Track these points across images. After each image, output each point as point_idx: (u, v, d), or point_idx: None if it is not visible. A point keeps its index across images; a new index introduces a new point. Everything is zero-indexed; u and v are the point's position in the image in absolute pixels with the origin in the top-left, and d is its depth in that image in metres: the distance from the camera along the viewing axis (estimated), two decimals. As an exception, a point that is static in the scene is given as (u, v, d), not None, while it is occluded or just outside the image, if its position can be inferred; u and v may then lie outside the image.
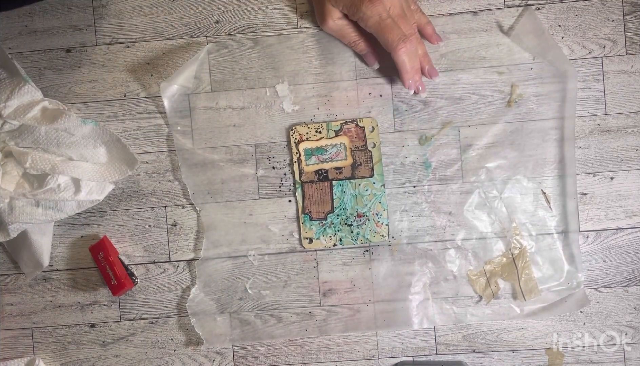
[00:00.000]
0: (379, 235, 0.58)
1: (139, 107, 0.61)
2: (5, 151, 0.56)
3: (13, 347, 0.62)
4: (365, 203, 0.57)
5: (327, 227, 0.57)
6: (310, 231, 0.58)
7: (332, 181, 0.57)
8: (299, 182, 0.58)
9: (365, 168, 0.57)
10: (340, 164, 0.57)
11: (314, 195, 0.57)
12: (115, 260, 0.59)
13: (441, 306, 0.60)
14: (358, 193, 0.57)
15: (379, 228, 0.57)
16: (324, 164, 0.57)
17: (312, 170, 0.57)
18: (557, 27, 0.60)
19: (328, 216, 0.58)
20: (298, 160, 0.58)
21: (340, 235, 0.58)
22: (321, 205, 0.58)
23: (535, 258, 0.60)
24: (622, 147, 0.60)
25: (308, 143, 0.57)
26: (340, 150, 0.57)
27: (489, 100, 0.60)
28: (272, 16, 0.60)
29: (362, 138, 0.58)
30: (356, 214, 0.57)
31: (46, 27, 0.61)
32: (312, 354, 0.61)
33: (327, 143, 0.57)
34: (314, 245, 0.58)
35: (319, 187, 0.57)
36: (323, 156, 0.57)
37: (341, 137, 0.58)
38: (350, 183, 0.57)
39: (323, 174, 0.57)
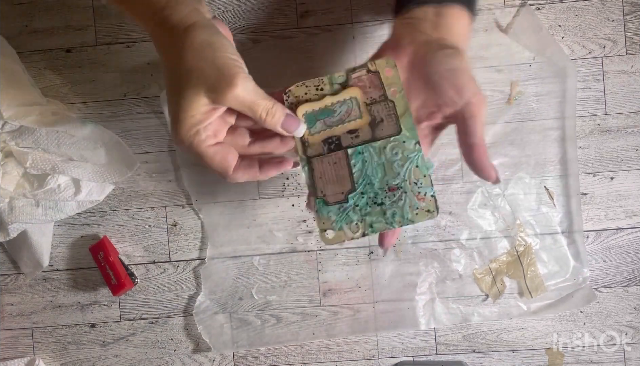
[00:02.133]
0: (424, 211, 0.41)
1: (139, 107, 0.61)
2: (6, 151, 0.56)
3: (13, 347, 0.62)
4: (397, 171, 0.42)
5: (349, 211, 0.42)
6: (328, 220, 0.42)
7: (347, 149, 0.43)
8: (303, 158, 0.43)
9: (389, 124, 0.42)
10: (354, 125, 0.43)
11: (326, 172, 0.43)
12: (115, 260, 0.59)
13: (447, 306, 0.60)
14: (385, 159, 0.42)
15: (422, 202, 0.42)
16: (333, 129, 0.43)
17: (319, 139, 0.43)
18: (557, 27, 0.60)
19: (349, 197, 0.42)
20: None
21: (369, 219, 0.42)
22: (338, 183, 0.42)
23: (541, 255, 0.60)
24: (622, 147, 0.60)
25: (308, 105, 0.43)
26: (352, 107, 0.43)
27: (489, 99, 0.60)
28: (272, 16, 0.60)
29: (378, 87, 0.43)
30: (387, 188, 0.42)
31: (46, 27, 0.61)
32: (312, 354, 0.61)
33: (334, 100, 0.43)
34: (336, 238, 0.42)
35: (331, 159, 0.42)
36: (331, 119, 0.43)
37: (350, 89, 0.43)
38: (373, 147, 0.42)
39: (334, 142, 0.43)
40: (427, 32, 0.42)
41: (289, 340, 0.61)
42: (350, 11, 0.60)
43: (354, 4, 0.60)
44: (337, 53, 0.60)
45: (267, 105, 0.40)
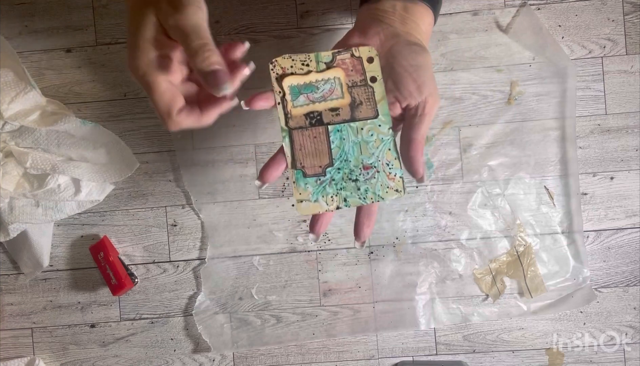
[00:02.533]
0: (393, 190, 0.44)
1: (139, 107, 0.61)
2: (6, 151, 0.56)
3: (13, 347, 0.62)
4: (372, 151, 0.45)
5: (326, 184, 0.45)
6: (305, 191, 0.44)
7: (327, 125, 0.45)
8: (285, 129, 0.44)
9: (368, 108, 0.45)
10: (336, 104, 0.45)
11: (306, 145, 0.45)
12: (115, 260, 0.59)
13: (447, 306, 0.60)
14: (361, 139, 0.45)
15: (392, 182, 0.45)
16: (315, 105, 0.45)
17: (301, 112, 0.45)
18: (557, 27, 0.60)
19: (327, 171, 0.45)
20: (282, 100, 0.45)
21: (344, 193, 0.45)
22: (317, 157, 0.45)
23: (541, 255, 0.60)
24: (622, 147, 0.60)
25: (294, 78, 0.45)
26: (335, 87, 0.45)
27: (488, 99, 0.60)
28: (272, 16, 0.60)
29: (359, 72, 0.45)
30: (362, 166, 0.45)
31: (46, 27, 0.61)
32: (312, 354, 0.61)
33: (318, 78, 0.45)
34: (311, 208, 0.44)
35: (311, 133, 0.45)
36: (314, 95, 0.45)
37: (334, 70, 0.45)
38: (351, 127, 0.45)
39: (316, 117, 0.45)
40: (394, 25, 0.44)
41: (289, 340, 0.61)
42: (350, 11, 0.60)
43: (354, 4, 0.60)
44: (337, 53, 0.60)
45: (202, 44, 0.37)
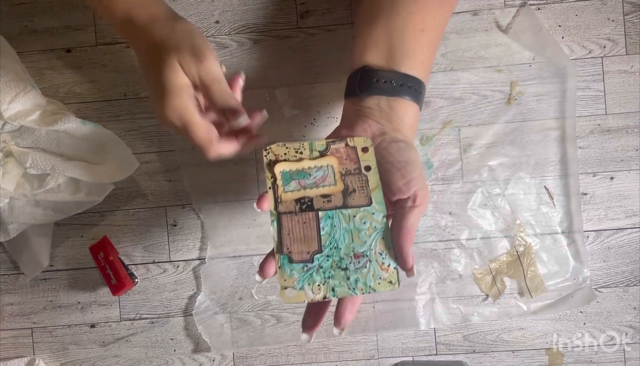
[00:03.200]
0: (386, 281, 0.42)
1: (139, 107, 0.61)
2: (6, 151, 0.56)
3: (13, 347, 0.62)
4: (364, 239, 0.43)
5: (313, 272, 0.42)
6: (290, 278, 0.42)
7: (318, 211, 0.44)
8: (274, 213, 0.43)
9: (361, 196, 0.44)
10: (328, 190, 0.44)
11: (295, 230, 0.43)
12: (115, 260, 0.59)
13: (447, 306, 0.60)
14: (353, 227, 0.43)
15: (385, 273, 0.42)
16: (307, 191, 0.44)
17: (291, 198, 0.44)
18: (557, 27, 0.60)
19: (315, 257, 0.43)
20: (274, 185, 0.44)
21: (332, 282, 0.42)
22: (305, 242, 0.43)
23: (541, 255, 0.60)
24: (622, 147, 0.60)
25: (286, 165, 0.45)
26: (328, 174, 0.45)
27: (488, 99, 0.60)
28: (272, 16, 0.60)
29: (354, 160, 0.45)
30: (353, 254, 0.43)
31: (46, 27, 0.61)
32: (312, 354, 0.61)
33: (311, 165, 0.45)
34: (296, 297, 0.42)
35: (301, 219, 0.43)
36: (306, 181, 0.44)
37: (328, 157, 0.45)
38: (343, 214, 0.44)
39: (307, 203, 0.44)
40: (381, 122, 0.46)
41: (289, 340, 0.61)
42: (350, 11, 0.60)
43: (354, 3, 0.60)
44: (337, 53, 0.60)
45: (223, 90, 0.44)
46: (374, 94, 0.46)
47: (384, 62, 0.47)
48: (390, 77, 0.46)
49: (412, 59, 0.47)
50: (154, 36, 0.44)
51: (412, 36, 0.47)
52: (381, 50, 0.47)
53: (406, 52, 0.47)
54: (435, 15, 0.48)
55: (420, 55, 0.47)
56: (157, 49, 0.44)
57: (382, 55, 0.47)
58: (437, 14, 0.48)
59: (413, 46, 0.47)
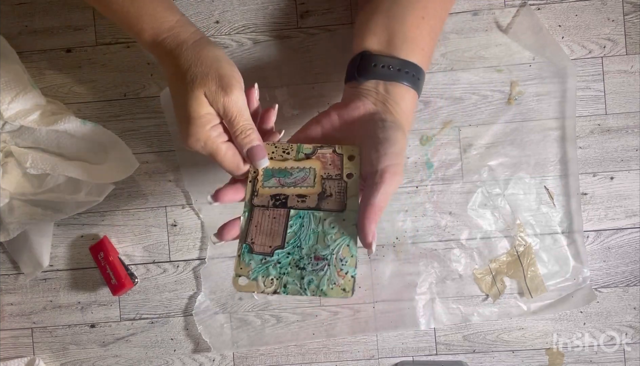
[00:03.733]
0: (340, 288, 0.42)
1: (139, 107, 0.61)
2: (6, 151, 0.56)
3: (13, 347, 0.62)
4: (329, 243, 0.44)
5: (270, 265, 0.43)
6: (246, 267, 0.43)
7: (290, 209, 0.45)
8: (247, 205, 0.45)
9: (336, 201, 0.45)
10: (305, 191, 0.45)
11: (263, 223, 0.45)
12: (115, 260, 0.59)
13: (447, 306, 0.60)
14: (321, 229, 0.44)
15: (341, 279, 0.43)
16: (284, 188, 0.45)
17: (268, 193, 0.45)
18: (557, 27, 0.60)
19: (275, 252, 0.44)
20: (254, 179, 0.46)
21: (286, 279, 0.43)
22: (270, 236, 0.44)
23: (541, 255, 0.60)
24: (622, 147, 0.60)
25: (270, 163, 0.46)
26: (308, 176, 0.46)
27: (488, 99, 0.60)
28: (272, 16, 0.60)
29: (337, 166, 0.46)
30: (313, 256, 0.43)
31: (46, 27, 0.61)
32: (312, 354, 0.61)
33: (294, 165, 0.46)
34: (247, 287, 0.43)
35: (272, 214, 0.45)
36: (286, 179, 0.46)
37: (312, 160, 0.46)
38: (314, 216, 0.44)
39: (281, 200, 0.45)
40: (375, 105, 0.47)
41: (289, 340, 0.61)
42: (350, 11, 0.60)
43: (354, 3, 0.60)
44: (337, 53, 0.60)
45: (246, 125, 0.44)
46: (372, 78, 0.47)
47: (383, 48, 0.47)
48: (388, 62, 0.46)
49: (412, 45, 0.47)
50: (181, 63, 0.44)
51: (413, 23, 0.47)
52: (381, 36, 0.48)
53: (406, 38, 0.47)
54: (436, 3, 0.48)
55: (420, 41, 0.47)
56: (183, 77, 0.44)
57: (382, 41, 0.48)
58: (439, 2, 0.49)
59: (413, 33, 0.47)
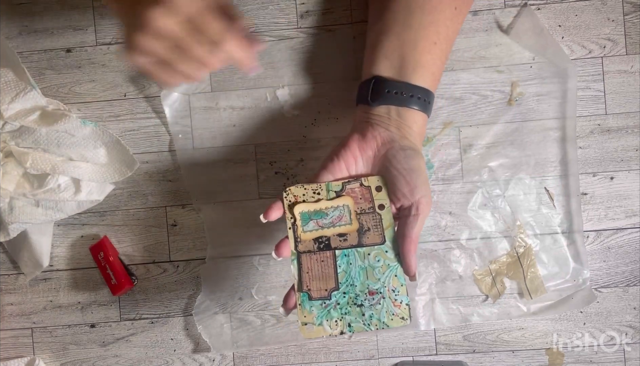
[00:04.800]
0: (399, 317, 0.45)
1: (139, 107, 0.61)
2: (6, 151, 0.56)
3: (13, 347, 0.62)
4: (378, 276, 0.46)
5: (331, 308, 0.45)
6: (310, 315, 0.45)
7: (335, 250, 0.46)
8: (294, 253, 0.47)
9: (375, 234, 0.47)
10: (344, 230, 0.47)
11: (314, 269, 0.46)
12: (115, 260, 0.59)
13: (447, 306, 0.60)
14: (368, 264, 0.46)
15: (398, 309, 0.45)
16: (324, 230, 0.47)
17: (310, 237, 0.47)
18: (557, 27, 0.60)
19: (332, 294, 0.46)
20: (293, 225, 0.47)
21: (348, 318, 0.45)
22: (323, 280, 0.46)
23: (541, 256, 0.60)
24: (622, 147, 0.60)
25: (305, 206, 0.47)
26: (344, 213, 0.47)
27: (489, 100, 0.60)
28: (272, 16, 0.60)
29: (368, 200, 0.47)
30: (367, 291, 0.46)
31: (46, 27, 0.61)
32: (312, 354, 0.61)
33: (328, 205, 0.47)
34: (315, 332, 0.45)
35: (319, 257, 0.46)
36: (323, 220, 0.47)
37: (344, 198, 0.47)
38: (358, 252, 0.46)
39: (324, 242, 0.47)
40: (390, 130, 0.48)
41: (289, 340, 0.61)
42: (350, 11, 0.60)
43: (354, 4, 0.60)
44: (337, 53, 0.60)
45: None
46: (385, 104, 0.48)
47: (395, 73, 0.49)
48: (400, 88, 0.48)
49: (423, 70, 0.48)
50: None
51: (425, 48, 0.48)
52: (393, 62, 0.49)
53: (417, 64, 0.48)
54: (448, 26, 0.49)
55: (431, 66, 0.49)
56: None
57: (394, 66, 0.49)
58: (450, 25, 0.49)
59: (425, 58, 0.48)
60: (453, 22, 0.50)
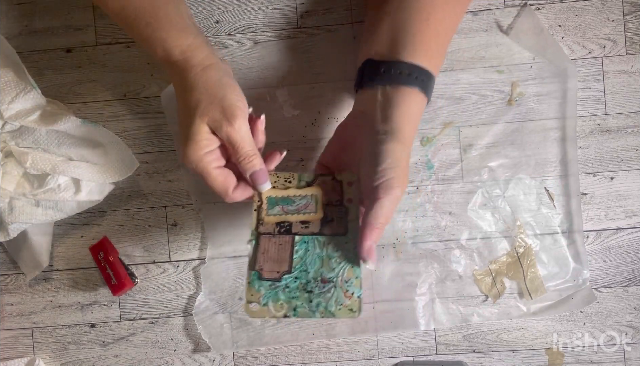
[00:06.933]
0: (347, 309, 0.45)
1: (139, 107, 0.61)
2: (6, 151, 0.56)
3: (13, 347, 0.62)
4: (333, 266, 0.46)
5: (279, 290, 0.46)
6: (257, 294, 0.46)
7: (295, 235, 0.47)
8: (254, 233, 0.47)
9: (338, 225, 0.47)
10: (308, 217, 0.48)
11: (270, 250, 0.47)
12: (115, 260, 0.59)
13: (447, 306, 0.60)
14: (326, 254, 0.47)
15: (348, 300, 0.45)
16: (288, 216, 0.48)
17: (273, 221, 0.48)
18: (557, 27, 0.60)
19: (283, 277, 0.46)
20: (259, 208, 0.48)
21: (295, 302, 0.46)
22: (277, 262, 0.47)
23: (541, 257, 0.60)
24: (622, 147, 0.60)
25: (273, 192, 0.49)
26: (311, 202, 0.48)
27: (489, 100, 0.60)
28: (272, 16, 0.60)
29: (338, 192, 0.48)
30: (320, 279, 0.46)
31: (46, 27, 0.61)
32: (312, 354, 0.61)
33: (296, 193, 0.49)
34: (259, 312, 0.45)
35: (278, 241, 0.47)
36: (289, 207, 0.48)
37: (314, 188, 0.49)
38: (318, 241, 0.47)
39: (285, 227, 0.48)
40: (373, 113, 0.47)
41: (289, 340, 0.61)
42: (350, 11, 0.60)
43: (354, 4, 0.60)
44: (337, 53, 0.60)
45: (249, 151, 0.46)
46: (376, 85, 0.47)
47: (386, 53, 0.48)
48: (390, 67, 0.47)
49: (416, 47, 0.47)
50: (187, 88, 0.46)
51: (416, 25, 0.47)
52: (384, 42, 0.48)
53: (408, 41, 0.47)
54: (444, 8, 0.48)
55: (424, 42, 0.47)
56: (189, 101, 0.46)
57: (386, 46, 0.48)
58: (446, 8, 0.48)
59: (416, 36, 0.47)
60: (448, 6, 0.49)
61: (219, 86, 0.46)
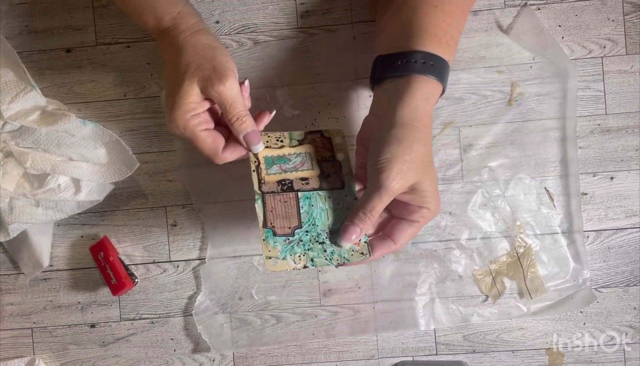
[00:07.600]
0: (358, 253, 0.47)
1: (139, 107, 0.61)
2: (6, 151, 0.56)
3: (13, 347, 0.62)
4: (338, 218, 0.48)
5: (294, 244, 0.47)
6: (274, 249, 0.47)
7: (297, 192, 0.49)
8: (258, 193, 0.48)
9: (335, 180, 0.50)
10: (306, 174, 0.50)
11: (277, 208, 0.48)
12: (115, 260, 0.59)
13: (447, 306, 0.60)
14: (329, 207, 0.49)
15: (357, 246, 0.47)
16: (287, 174, 0.50)
17: (274, 180, 0.49)
18: (557, 27, 0.60)
19: (295, 232, 0.48)
20: (257, 168, 0.49)
21: (311, 254, 0.47)
22: (287, 219, 0.48)
23: (541, 257, 0.60)
24: (622, 147, 0.60)
25: (268, 151, 0.50)
26: (306, 160, 0.50)
27: (489, 100, 0.60)
28: (272, 16, 0.60)
29: (328, 149, 0.51)
30: (328, 231, 0.48)
31: (46, 27, 0.61)
32: (312, 354, 0.61)
33: (291, 151, 0.50)
34: (279, 266, 0.46)
35: (282, 198, 0.49)
36: (286, 165, 0.50)
37: (305, 146, 0.51)
38: (319, 195, 0.49)
39: (287, 184, 0.49)
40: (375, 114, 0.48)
41: (289, 340, 0.61)
42: (350, 11, 0.60)
43: (354, 4, 0.60)
44: (337, 53, 0.60)
45: (241, 112, 0.46)
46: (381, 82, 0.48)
47: (394, 44, 0.48)
48: (397, 58, 0.46)
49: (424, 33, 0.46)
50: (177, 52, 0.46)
51: (424, 12, 0.47)
52: (393, 34, 0.48)
53: (416, 27, 0.47)
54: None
55: (433, 28, 0.46)
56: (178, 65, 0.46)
57: (394, 38, 0.48)
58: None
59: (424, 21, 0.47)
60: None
61: (208, 48, 0.46)
